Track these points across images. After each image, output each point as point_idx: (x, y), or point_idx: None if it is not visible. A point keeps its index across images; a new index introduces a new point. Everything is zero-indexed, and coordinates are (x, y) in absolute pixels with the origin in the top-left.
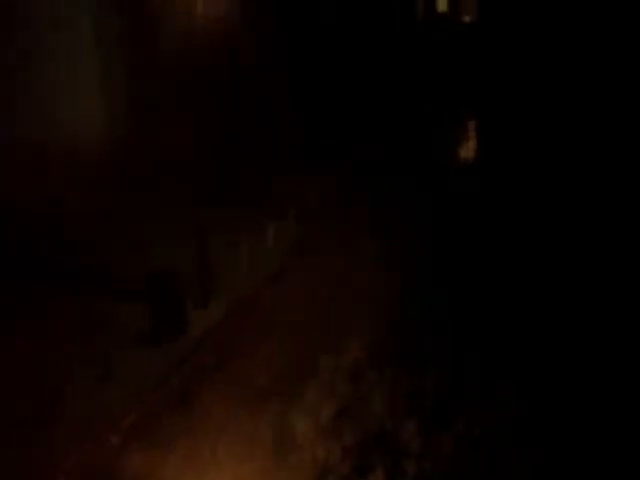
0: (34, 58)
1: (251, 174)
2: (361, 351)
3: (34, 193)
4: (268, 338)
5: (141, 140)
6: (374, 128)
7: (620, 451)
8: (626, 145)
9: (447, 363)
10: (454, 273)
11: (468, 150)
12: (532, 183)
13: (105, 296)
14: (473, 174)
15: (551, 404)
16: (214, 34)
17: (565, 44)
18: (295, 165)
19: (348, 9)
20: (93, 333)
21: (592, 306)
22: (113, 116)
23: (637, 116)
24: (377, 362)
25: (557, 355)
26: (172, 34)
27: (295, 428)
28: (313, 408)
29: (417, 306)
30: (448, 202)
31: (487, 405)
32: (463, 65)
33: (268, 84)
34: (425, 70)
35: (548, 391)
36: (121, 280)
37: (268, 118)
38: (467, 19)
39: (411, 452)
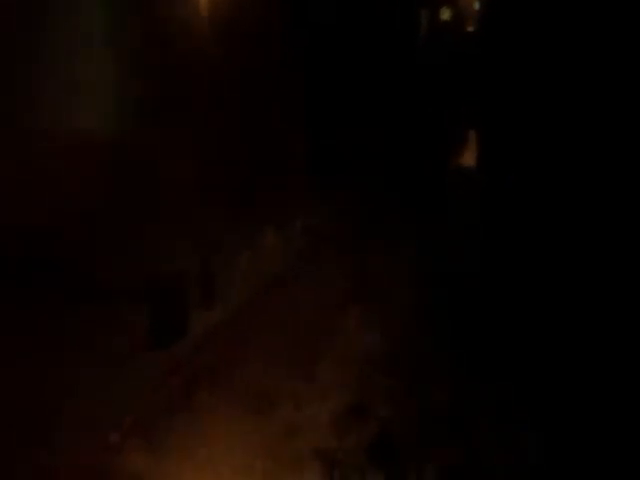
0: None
1: (260, 183)
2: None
3: (32, 191)
4: (270, 339)
5: (150, 142)
6: (377, 137)
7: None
8: (630, 155)
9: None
10: (455, 281)
11: (468, 158)
12: (533, 190)
13: (108, 297)
14: (473, 185)
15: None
16: (228, 37)
17: (569, 54)
18: (302, 177)
19: (353, 17)
20: (94, 335)
21: (594, 311)
22: (119, 115)
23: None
24: (379, 366)
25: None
26: (183, 36)
27: (295, 429)
28: (315, 410)
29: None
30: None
31: (492, 419)
32: (465, 74)
33: (283, 89)
34: (428, 79)
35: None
36: (124, 282)
37: (279, 126)
38: (470, 29)
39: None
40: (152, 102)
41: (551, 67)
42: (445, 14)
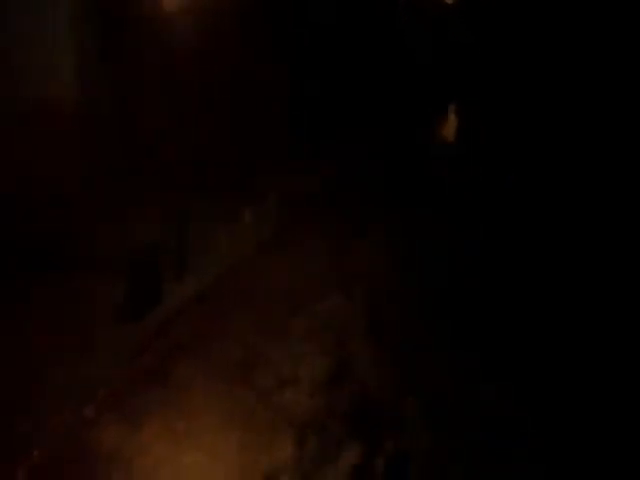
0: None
1: (235, 161)
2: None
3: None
4: (243, 312)
5: (122, 122)
6: (361, 109)
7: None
8: (607, 135)
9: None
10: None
11: (449, 134)
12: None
13: (88, 271)
14: (453, 158)
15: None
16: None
17: (548, 28)
18: (281, 158)
19: None
20: (64, 305)
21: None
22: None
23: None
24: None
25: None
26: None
27: (274, 400)
28: (293, 378)
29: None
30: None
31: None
32: (445, 48)
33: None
34: (407, 53)
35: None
36: (103, 256)
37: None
38: (449, 1)
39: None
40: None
41: (533, 39)
42: None
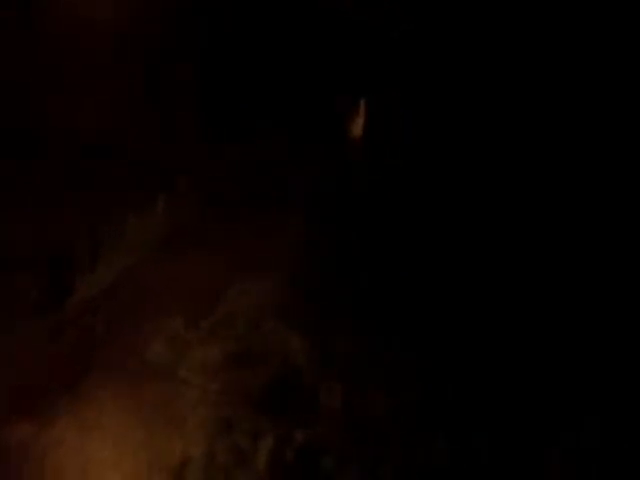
0: None
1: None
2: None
3: None
4: (154, 302)
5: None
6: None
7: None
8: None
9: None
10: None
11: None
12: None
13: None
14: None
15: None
16: None
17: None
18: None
19: None
20: None
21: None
22: None
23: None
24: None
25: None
26: None
27: (186, 390)
28: (205, 366)
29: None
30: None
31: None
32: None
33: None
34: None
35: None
36: (10, 250)
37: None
38: None
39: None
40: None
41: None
42: None
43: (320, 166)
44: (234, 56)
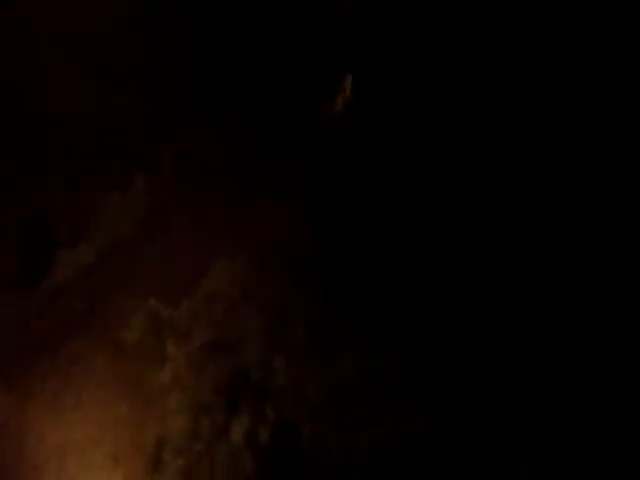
0: None
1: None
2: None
3: None
4: (133, 282)
5: None
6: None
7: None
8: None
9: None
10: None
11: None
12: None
13: None
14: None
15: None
16: None
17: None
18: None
19: None
20: None
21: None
22: None
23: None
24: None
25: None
26: None
27: (165, 371)
28: (187, 343)
29: None
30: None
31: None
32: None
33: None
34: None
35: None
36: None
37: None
38: None
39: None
40: None
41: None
42: None
43: (304, 154)
44: (226, 45)
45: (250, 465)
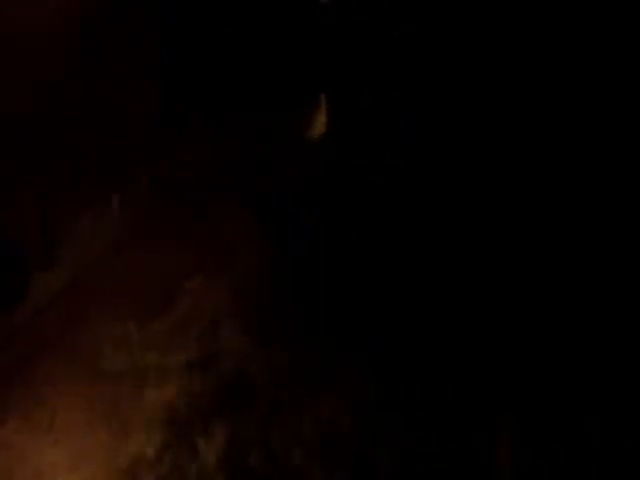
0: None
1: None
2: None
3: None
4: (112, 302)
5: None
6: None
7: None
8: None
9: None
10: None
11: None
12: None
13: None
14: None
15: None
16: None
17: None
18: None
19: None
20: None
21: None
22: None
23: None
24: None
25: None
26: None
27: (141, 392)
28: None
29: None
30: None
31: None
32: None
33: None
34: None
35: None
36: None
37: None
38: None
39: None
40: None
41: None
42: None
43: (281, 167)
44: (203, 49)
45: None
